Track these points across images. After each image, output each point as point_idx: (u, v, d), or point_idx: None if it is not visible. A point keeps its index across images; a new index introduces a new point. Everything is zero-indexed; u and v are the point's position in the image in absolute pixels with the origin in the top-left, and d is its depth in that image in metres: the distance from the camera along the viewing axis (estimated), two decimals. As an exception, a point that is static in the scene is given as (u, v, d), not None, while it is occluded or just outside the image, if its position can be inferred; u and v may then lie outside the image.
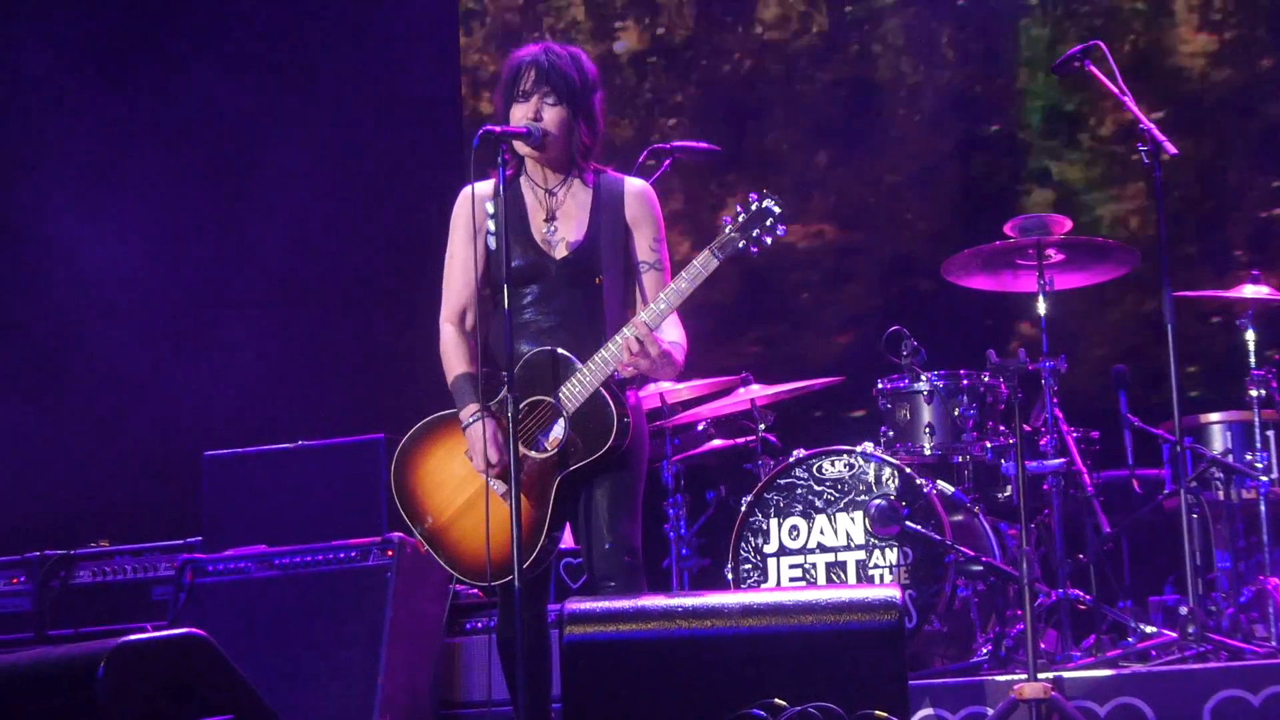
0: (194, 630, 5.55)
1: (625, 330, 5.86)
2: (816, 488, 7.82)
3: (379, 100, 10.85)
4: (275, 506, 8.12)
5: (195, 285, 10.54)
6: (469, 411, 5.98)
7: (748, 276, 10.00)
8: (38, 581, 8.45)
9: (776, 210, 5.90)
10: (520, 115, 6.01)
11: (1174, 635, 7.31)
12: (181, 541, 8.31)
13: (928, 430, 7.94)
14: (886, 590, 5.40)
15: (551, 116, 6.00)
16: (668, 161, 8.07)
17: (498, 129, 5.96)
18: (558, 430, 5.92)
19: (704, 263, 5.86)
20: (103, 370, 10.34)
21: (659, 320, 5.88)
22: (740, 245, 5.89)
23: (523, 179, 6.14)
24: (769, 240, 5.91)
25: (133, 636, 5.33)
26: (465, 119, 10.79)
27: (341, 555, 7.76)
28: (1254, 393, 7.77)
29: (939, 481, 7.83)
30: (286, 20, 10.89)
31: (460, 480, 6.02)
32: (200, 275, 10.57)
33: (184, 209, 10.64)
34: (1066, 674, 6.92)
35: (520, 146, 6.02)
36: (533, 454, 5.92)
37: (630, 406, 5.99)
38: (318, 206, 10.68)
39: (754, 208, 5.91)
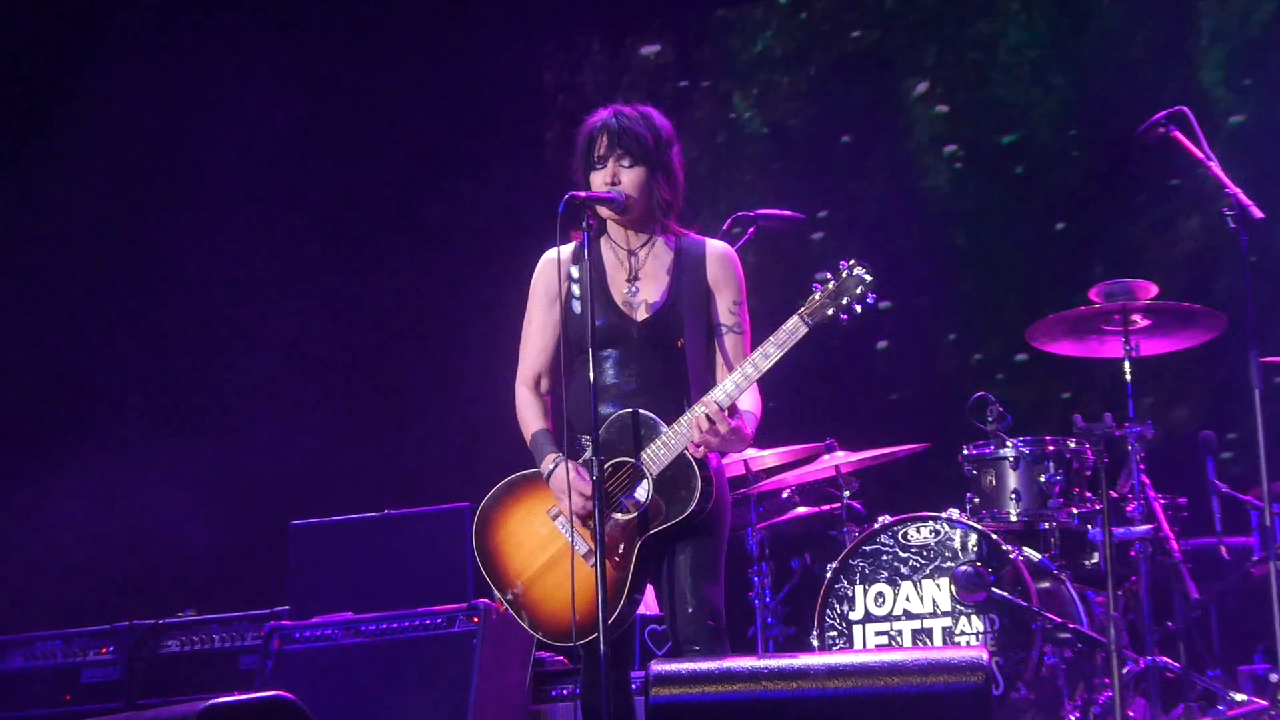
0: (282, 693, 5.58)
1: (696, 408, 5.85)
2: (902, 554, 7.79)
3: (468, 171, 10.97)
4: (361, 574, 8.18)
5: (284, 354, 10.62)
6: (549, 460, 6.00)
7: (830, 340, 10.02)
8: (127, 651, 8.51)
9: (868, 278, 5.86)
10: (599, 181, 6.05)
11: (1264, 704, 7.27)
12: (269, 610, 8.35)
13: (1013, 496, 7.92)
14: (973, 651, 5.36)
15: (629, 178, 6.03)
16: (751, 229, 8.09)
17: (582, 194, 5.99)
18: (641, 492, 5.91)
19: (793, 329, 5.84)
20: (189, 441, 10.43)
21: (739, 392, 5.86)
22: (830, 313, 5.86)
23: (603, 240, 6.16)
24: (859, 309, 5.87)
25: (221, 699, 5.36)
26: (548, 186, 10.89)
27: (428, 622, 7.81)
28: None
29: (1025, 548, 7.80)
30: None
31: (541, 540, 6.03)
32: (288, 343, 10.65)
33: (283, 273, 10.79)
34: (1156, 742, 6.88)
35: (603, 210, 6.06)
36: (616, 515, 5.91)
37: (713, 470, 5.98)
38: (406, 273, 10.79)
39: (845, 275, 5.87)
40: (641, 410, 5.93)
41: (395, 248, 10.92)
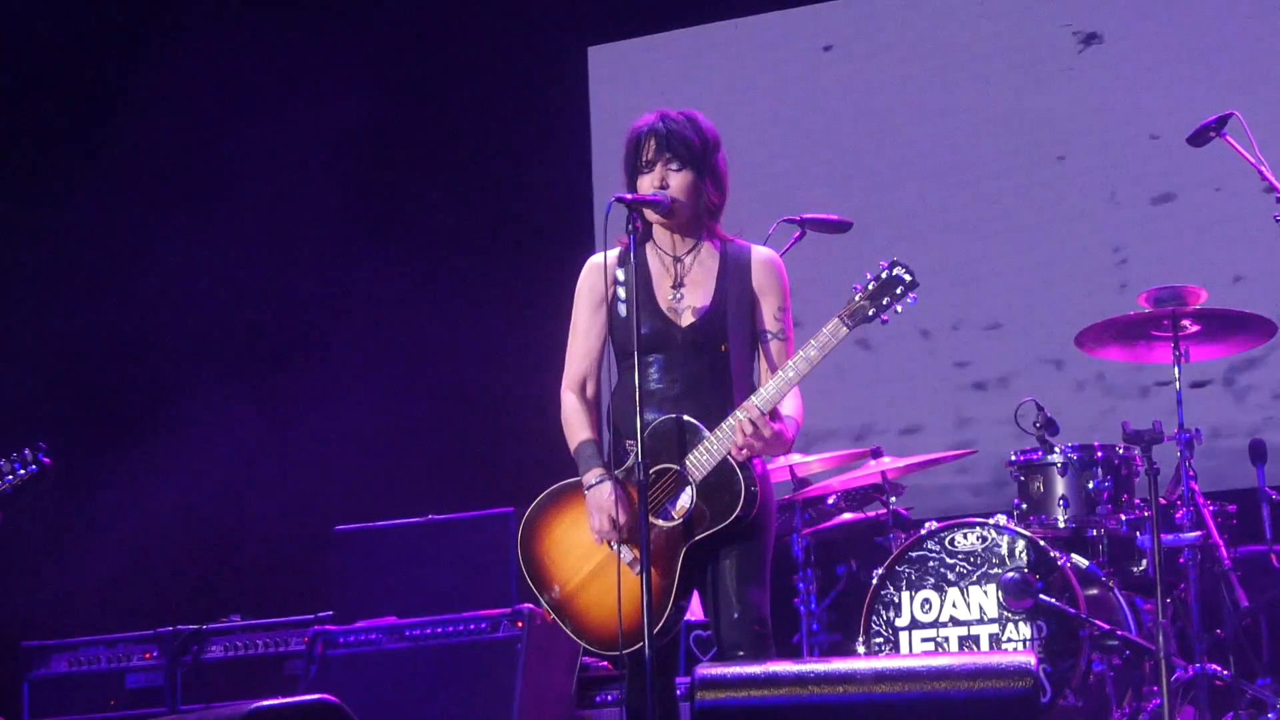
0: (327, 696, 5.64)
1: (738, 413, 5.85)
2: (949, 560, 7.80)
3: (508, 175, 11.01)
4: (405, 579, 8.22)
5: (332, 358, 10.66)
6: (593, 474, 5.99)
7: (871, 342, 10.02)
8: (170, 657, 8.56)
9: (907, 279, 5.87)
10: (646, 185, 6.04)
11: (1315, 712, 7.24)
12: (312, 615, 8.39)
13: (1061, 503, 7.93)
14: (1021, 656, 5.37)
15: (677, 182, 6.02)
16: (797, 234, 8.11)
17: (629, 196, 6.00)
18: (685, 499, 5.91)
19: (833, 331, 5.83)
20: (230, 447, 10.48)
21: (780, 395, 5.87)
22: (870, 314, 5.87)
23: (648, 246, 6.15)
24: (899, 309, 5.89)
25: (267, 702, 5.42)
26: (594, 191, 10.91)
27: (472, 627, 7.85)
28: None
29: (1073, 555, 7.81)
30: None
31: (586, 548, 6.03)
32: (336, 349, 10.70)
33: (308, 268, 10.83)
34: (1204, 750, 6.87)
35: (650, 214, 6.06)
36: (659, 523, 5.90)
37: (758, 475, 5.98)
38: (446, 277, 10.82)
39: (884, 275, 5.89)
40: (685, 416, 5.93)
41: (443, 250, 10.96)
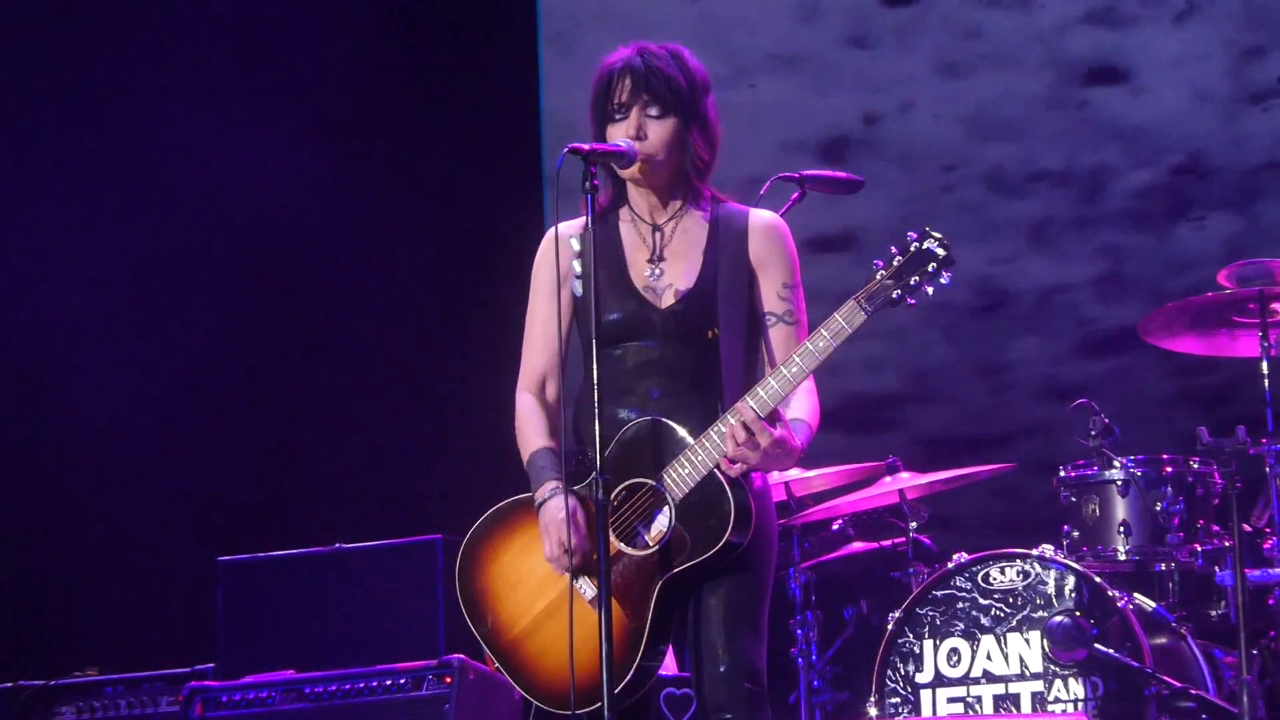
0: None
1: (729, 416, 5.81)
2: (982, 601, 7.86)
3: (438, 120, 11.04)
4: (306, 623, 8.22)
5: (213, 347, 10.66)
6: (546, 488, 5.97)
7: (893, 333, 10.07)
8: (9, 721, 8.54)
9: (940, 253, 5.81)
10: (619, 135, 6.00)
11: None
12: (189, 669, 8.35)
13: (1122, 530, 8.00)
14: (1072, 720, 5.46)
15: (658, 132, 6.00)
16: (797, 194, 8.11)
17: (585, 146, 5.91)
18: (661, 522, 5.89)
19: (848, 316, 5.78)
20: (90, 461, 10.47)
21: (782, 394, 5.81)
22: (894, 295, 5.82)
23: (621, 211, 6.15)
24: (929, 290, 5.82)
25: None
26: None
27: (388, 683, 7.84)
28: None
29: (1136, 595, 7.85)
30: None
31: (540, 580, 6.02)
32: (220, 335, 10.70)
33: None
34: (1300, 837, 6.94)
35: (622, 172, 6.04)
36: (629, 550, 5.89)
37: (753, 493, 5.94)
38: (363, 247, 10.85)
39: (913, 249, 5.82)
40: (664, 419, 5.92)
41: (361, 208, 10.98)
